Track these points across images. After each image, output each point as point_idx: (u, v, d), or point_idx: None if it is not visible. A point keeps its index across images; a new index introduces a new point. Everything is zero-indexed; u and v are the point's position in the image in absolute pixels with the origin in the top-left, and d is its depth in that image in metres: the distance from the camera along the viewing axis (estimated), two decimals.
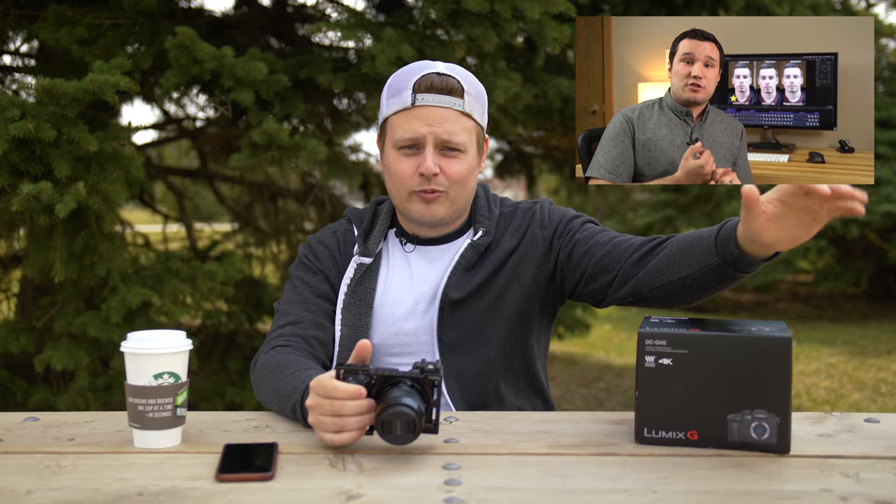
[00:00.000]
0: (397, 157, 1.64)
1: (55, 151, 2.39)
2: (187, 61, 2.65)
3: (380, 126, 1.72)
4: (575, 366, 6.84)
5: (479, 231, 1.70)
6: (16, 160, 2.38)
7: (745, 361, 1.27)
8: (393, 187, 1.68)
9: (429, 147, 1.61)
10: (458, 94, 1.62)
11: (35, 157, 2.42)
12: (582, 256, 1.66)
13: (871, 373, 6.20)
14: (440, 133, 1.60)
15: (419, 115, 1.60)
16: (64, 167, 2.37)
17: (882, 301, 9.49)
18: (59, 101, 2.36)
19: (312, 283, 1.71)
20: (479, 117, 1.67)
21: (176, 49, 2.63)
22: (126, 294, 2.64)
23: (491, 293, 1.67)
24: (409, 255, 1.73)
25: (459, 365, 1.66)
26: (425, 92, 1.61)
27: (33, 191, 2.28)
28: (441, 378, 1.28)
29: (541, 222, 1.72)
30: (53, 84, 2.33)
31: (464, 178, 1.64)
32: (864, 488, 1.12)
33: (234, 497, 1.10)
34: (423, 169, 1.60)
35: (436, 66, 1.64)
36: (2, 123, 2.31)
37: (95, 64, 2.45)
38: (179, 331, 1.34)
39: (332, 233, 1.78)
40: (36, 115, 2.36)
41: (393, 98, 1.64)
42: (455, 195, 1.65)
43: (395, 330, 1.68)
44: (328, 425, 1.26)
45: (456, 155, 1.63)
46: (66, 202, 2.30)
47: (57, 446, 1.32)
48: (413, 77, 1.62)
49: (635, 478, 1.17)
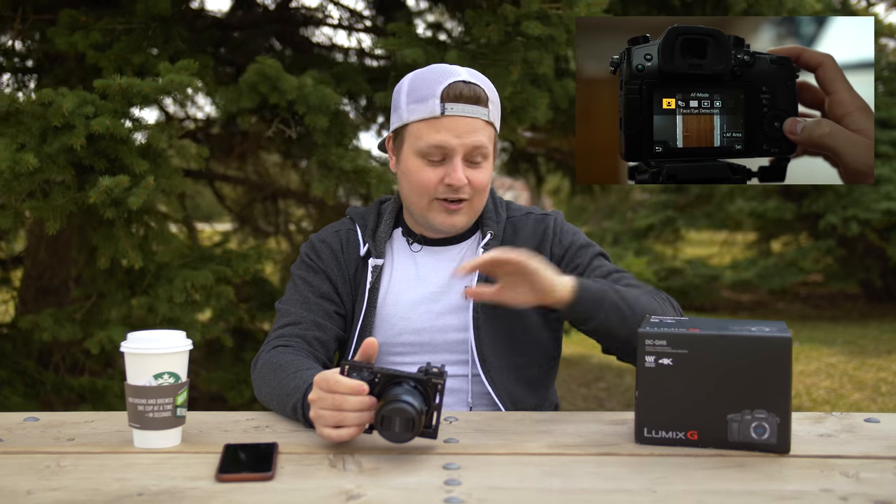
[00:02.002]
0: (420, 165, 1.63)
1: (124, 147, 2.48)
2: (267, 89, 2.76)
3: (395, 130, 1.69)
4: (575, 366, 6.84)
5: (486, 234, 1.71)
6: (83, 155, 2.46)
7: (745, 361, 1.27)
8: (414, 194, 1.66)
9: (458, 158, 1.60)
10: (485, 104, 1.61)
11: (100, 153, 2.51)
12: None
13: (871, 373, 6.20)
14: (470, 144, 1.60)
15: (449, 125, 1.59)
16: (137, 162, 2.47)
17: (882, 301, 9.49)
18: (132, 100, 2.46)
19: (314, 282, 1.71)
20: (498, 124, 1.67)
21: (256, 76, 2.74)
22: (185, 275, 2.75)
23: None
24: (417, 254, 1.73)
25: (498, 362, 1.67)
26: (454, 101, 1.59)
27: (111, 184, 2.37)
28: (444, 382, 1.28)
29: (554, 239, 1.73)
30: (130, 83, 2.42)
31: (486, 186, 1.66)
32: (864, 488, 1.12)
33: (234, 497, 1.10)
34: (452, 180, 1.60)
35: (458, 72, 1.62)
36: (80, 119, 2.38)
37: (161, 65, 2.55)
38: (179, 331, 1.34)
39: (335, 232, 1.77)
40: (106, 111, 2.44)
41: (416, 104, 1.61)
42: (478, 203, 1.67)
43: (399, 329, 1.68)
44: (328, 419, 1.27)
45: (481, 164, 1.63)
46: (138, 195, 2.39)
47: (57, 446, 1.32)
48: (439, 84, 1.59)
49: (635, 478, 1.17)
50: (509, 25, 2.81)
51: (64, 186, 2.52)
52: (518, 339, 1.68)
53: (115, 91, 2.43)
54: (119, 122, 2.40)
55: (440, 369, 1.28)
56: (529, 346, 1.69)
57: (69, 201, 2.49)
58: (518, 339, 1.68)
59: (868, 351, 7.04)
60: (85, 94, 2.45)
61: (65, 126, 2.39)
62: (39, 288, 3.61)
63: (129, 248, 2.59)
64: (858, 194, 8.22)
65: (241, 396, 3.50)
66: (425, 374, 1.28)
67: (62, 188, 2.51)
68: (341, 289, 1.71)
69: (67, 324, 2.81)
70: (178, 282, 2.71)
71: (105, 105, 2.45)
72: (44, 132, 2.42)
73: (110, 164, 2.51)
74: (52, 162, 2.43)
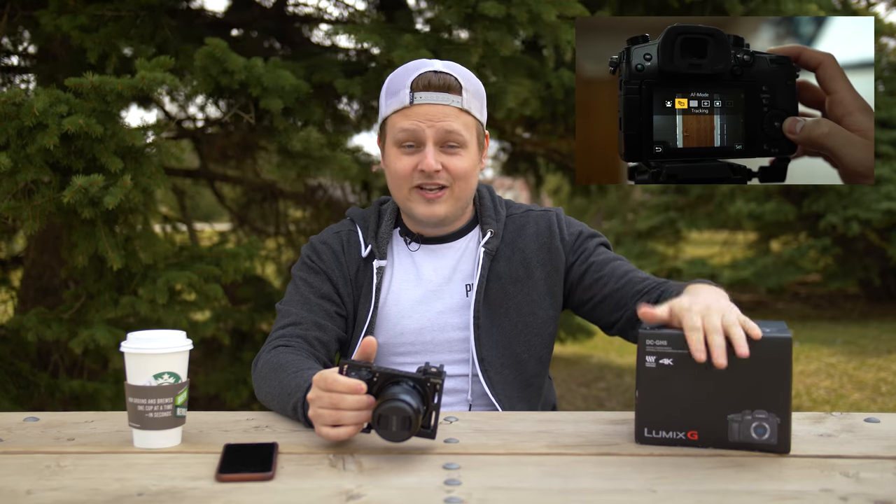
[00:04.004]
0: (397, 155, 1.64)
1: (100, 146, 2.45)
2: (217, 71, 2.72)
3: (379, 126, 1.72)
4: (575, 366, 6.84)
5: (487, 232, 1.72)
6: (59, 155, 2.44)
7: (745, 361, 1.26)
8: (394, 186, 1.68)
9: (429, 144, 1.61)
10: (457, 91, 1.62)
11: (77, 152, 2.49)
12: (594, 282, 1.69)
13: (871, 373, 6.20)
14: (439, 129, 1.61)
15: (418, 112, 1.61)
16: (112, 161, 2.45)
17: (882, 301, 9.48)
18: (106, 97, 2.42)
19: (315, 283, 1.71)
20: (478, 113, 1.67)
21: (205, 59, 2.71)
22: (168, 276, 2.73)
23: (519, 286, 1.69)
24: (414, 253, 1.74)
25: (498, 361, 1.68)
26: (423, 90, 1.61)
27: (86, 183, 2.34)
28: (442, 382, 1.28)
29: (560, 233, 1.74)
30: (102, 81, 2.40)
31: (466, 174, 1.65)
32: (864, 488, 1.12)
33: (234, 497, 1.10)
34: (423, 165, 1.61)
35: (433, 64, 1.65)
36: (53, 119, 2.36)
37: (137, 61, 2.52)
38: (179, 331, 1.34)
39: (336, 233, 1.78)
40: (80, 109, 2.42)
41: (391, 98, 1.65)
42: (459, 191, 1.66)
43: (400, 329, 1.69)
44: (325, 418, 1.27)
45: (457, 151, 1.63)
46: (114, 194, 2.37)
47: (57, 446, 1.32)
48: (410, 76, 1.62)
49: (635, 478, 1.17)
50: (469, 7, 2.79)
51: (48, 187, 2.50)
52: (518, 338, 1.69)
53: (88, 89, 2.41)
54: (93, 120, 2.38)
55: (439, 369, 1.28)
56: (528, 345, 1.70)
57: (48, 201, 2.47)
58: (518, 338, 1.69)
59: (868, 351, 7.03)
60: (58, 92, 2.43)
61: (38, 125, 2.37)
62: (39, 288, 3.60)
63: (109, 248, 2.58)
64: (859, 194, 8.22)
65: (239, 397, 3.50)
66: (424, 373, 1.28)
67: (45, 189, 2.50)
68: (342, 289, 1.71)
69: (54, 324, 2.80)
70: (161, 283, 2.71)
71: (80, 104, 2.43)
72: (20, 132, 2.40)
73: (88, 164, 2.49)
74: (29, 162, 2.41)
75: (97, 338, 2.66)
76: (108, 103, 2.44)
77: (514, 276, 1.70)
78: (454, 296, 1.69)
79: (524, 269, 1.71)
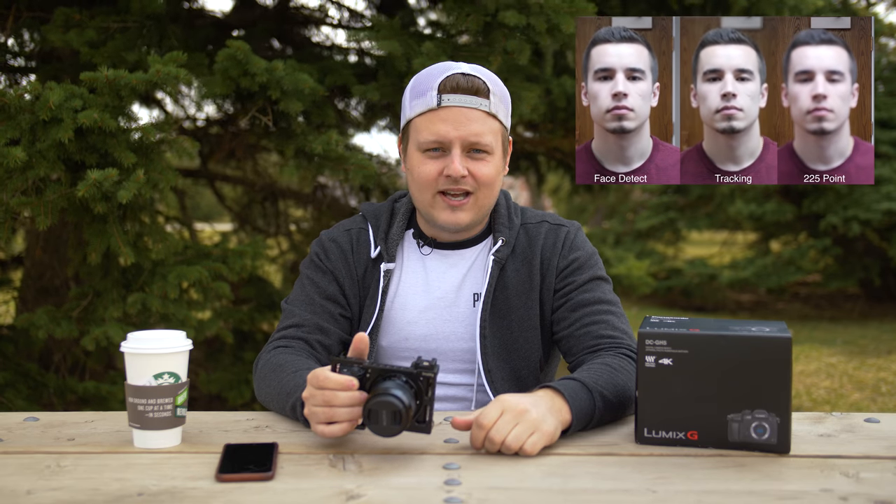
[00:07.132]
0: (422, 159, 1.61)
1: (113, 141, 2.45)
2: (238, 73, 2.71)
3: (402, 128, 1.68)
4: None
5: (498, 240, 1.67)
6: (73, 150, 2.44)
7: (745, 361, 1.27)
8: (417, 190, 1.64)
9: (455, 149, 1.57)
10: (485, 95, 1.59)
11: (89, 147, 2.48)
12: (562, 319, 1.65)
13: (871, 373, 6.20)
14: (467, 135, 1.57)
15: (445, 116, 1.57)
16: (126, 156, 2.44)
17: (882, 301, 9.48)
18: (120, 91, 2.42)
19: (321, 283, 1.69)
20: (504, 118, 1.64)
21: (227, 60, 2.70)
22: (179, 271, 2.74)
23: (523, 299, 1.67)
24: (426, 258, 1.71)
25: (500, 375, 1.65)
26: (451, 92, 1.57)
27: (100, 177, 2.34)
28: (435, 375, 1.27)
29: (561, 252, 1.68)
30: (117, 75, 2.39)
31: (492, 181, 1.61)
32: (864, 488, 1.12)
33: (234, 497, 1.10)
34: (450, 171, 1.57)
35: (460, 66, 1.60)
36: (68, 113, 2.35)
37: (150, 57, 2.52)
38: (179, 331, 1.34)
39: (346, 231, 1.74)
40: (94, 104, 2.41)
41: (417, 99, 1.61)
42: (483, 198, 1.62)
43: (406, 335, 1.67)
44: (319, 415, 1.27)
45: (483, 157, 1.60)
46: (128, 188, 2.36)
47: (57, 446, 1.32)
48: (438, 78, 1.58)
49: (635, 478, 1.17)
50: (488, 16, 2.78)
51: (58, 183, 2.50)
52: (521, 349, 1.67)
53: (103, 84, 2.41)
54: (107, 115, 2.37)
55: (431, 362, 1.27)
56: (530, 356, 1.68)
57: (60, 197, 2.47)
58: (521, 349, 1.67)
59: (868, 351, 7.03)
60: (73, 87, 2.43)
61: (52, 120, 2.36)
62: (40, 288, 3.60)
63: (122, 244, 2.58)
64: (859, 194, 8.21)
65: (242, 397, 3.50)
66: (416, 367, 1.27)
67: (56, 185, 2.50)
68: (348, 290, 1.69)
69: (64, 322, 2.80)
70: (172, 278, 2.70)
71: (94, 99, 2.43)
72: (33, 127, 2.40)
73: (101, 159, 2.49)
74: (43, 157, 2.41)
75: (110, 335, 2.66)
76: (122, 98, 2.44)
77: (520, 287, 1.67)
78: (461, 305, 1.67)
79: (528, 281, 1.67)
